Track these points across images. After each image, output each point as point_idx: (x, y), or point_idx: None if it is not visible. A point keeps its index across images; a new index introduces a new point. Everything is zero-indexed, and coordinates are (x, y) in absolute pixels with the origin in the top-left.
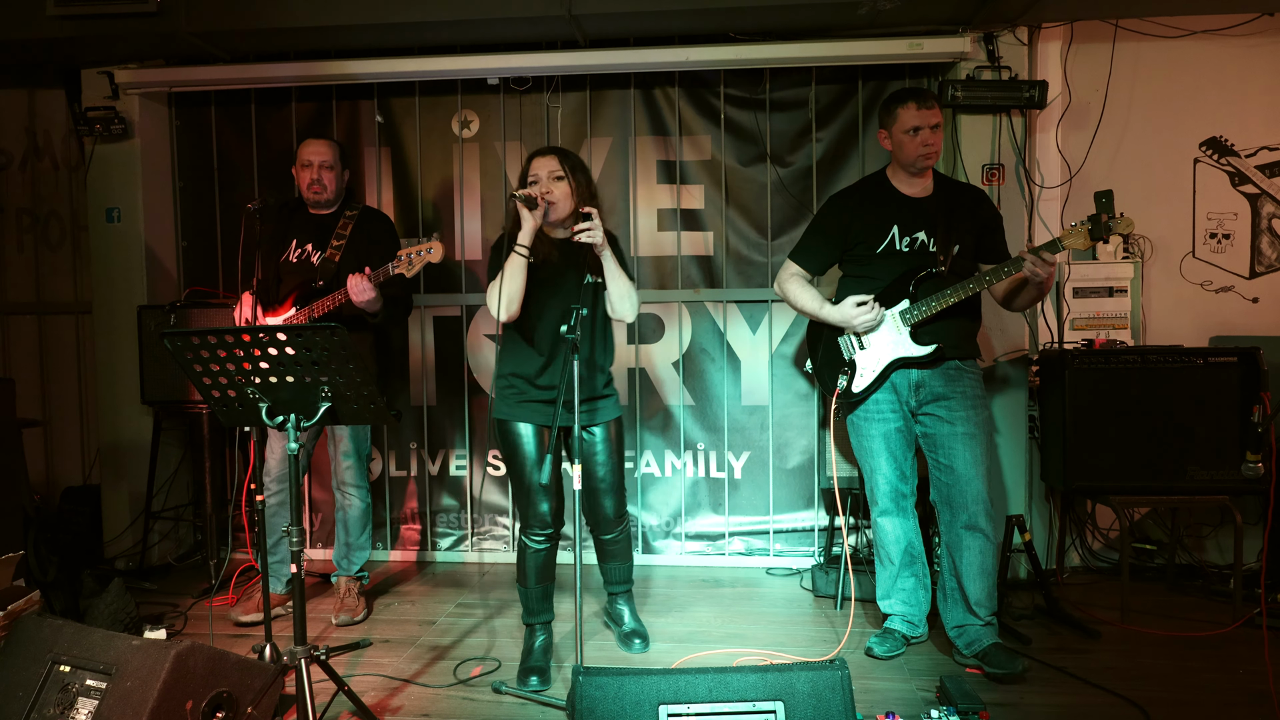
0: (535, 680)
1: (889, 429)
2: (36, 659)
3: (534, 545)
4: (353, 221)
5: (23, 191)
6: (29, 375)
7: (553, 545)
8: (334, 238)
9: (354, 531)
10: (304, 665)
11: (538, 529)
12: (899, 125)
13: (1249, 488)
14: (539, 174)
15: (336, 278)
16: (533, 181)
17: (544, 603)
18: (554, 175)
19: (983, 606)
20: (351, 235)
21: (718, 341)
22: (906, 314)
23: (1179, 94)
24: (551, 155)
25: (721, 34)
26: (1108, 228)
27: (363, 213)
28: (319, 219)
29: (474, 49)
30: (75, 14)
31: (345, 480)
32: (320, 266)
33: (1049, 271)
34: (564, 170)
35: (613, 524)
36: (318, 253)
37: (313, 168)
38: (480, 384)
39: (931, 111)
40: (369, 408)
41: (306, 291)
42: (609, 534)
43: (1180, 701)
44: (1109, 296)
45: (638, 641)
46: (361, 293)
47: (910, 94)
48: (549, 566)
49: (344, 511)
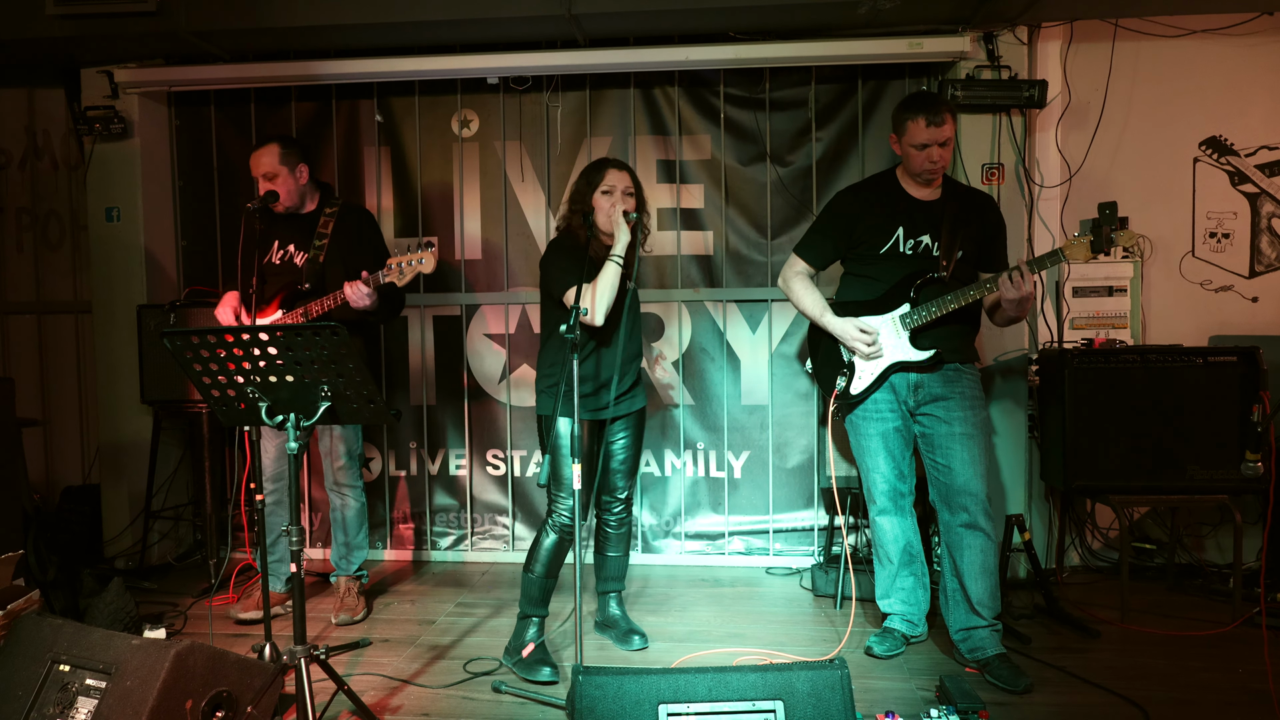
0: (548, 671)
1: (887, 428)
2: (36, 658)
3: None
4: (333, 219)
5: (22, 191)
6: (29, 375)
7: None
8: (316, 238)
9: (351, 531)
10: (304, 665)
11: (568, 518)
12: (908, 138)
13: (1248, 487)
14: (615, 186)
15: (321, 278)
16: (607, 191)
17: (549, 595)
18: (628, 190)
19: (985, 607)
20: (333, 234)
21: (717, 341)
22: (907, 318)
23: (1179, 93)
24: (626, 171)
25: (721, 33)
26: (1110, 240)
27: (343, 208)
28: (299, 220)
29: (474, 48)
30: (75, 13)
31: (340, 481)
32: (305, 268)
33: (1022, 293)
34: (634, 188)
35: (622, 505)
36: (300, 253)
37: (259, 183)
38: (480, 384)
39: (941, 128)
40: (369, 407)
41: (292, 293)
42: (615, 510)
43: (1180, 701)
44: (1109, 296)
45: (637, 638)
46: (360, 299)
47: (922, 107)
48: (561, 559)
49: (340, 512)
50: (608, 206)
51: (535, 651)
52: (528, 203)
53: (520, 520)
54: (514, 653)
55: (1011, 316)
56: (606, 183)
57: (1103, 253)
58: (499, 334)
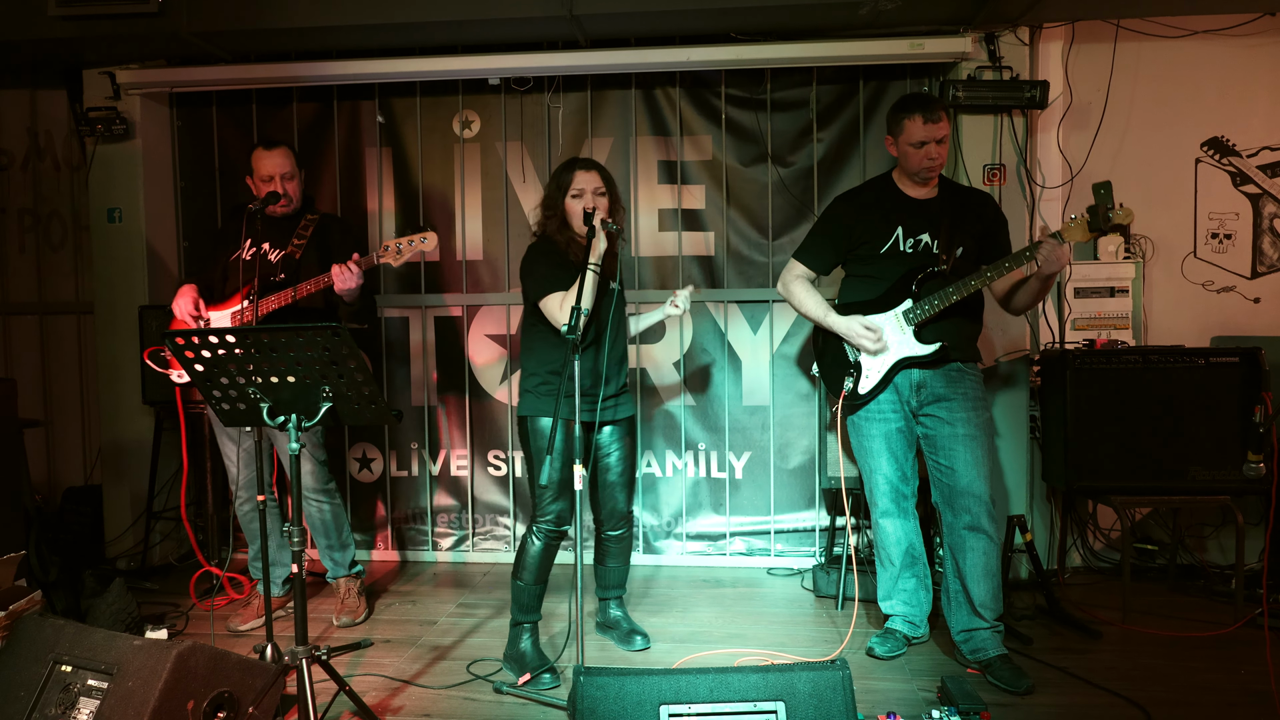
0: (549, 678)
1: (890, 429)
2: (38, 659)
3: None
4: (313, 225)
5: (24, 191)
6: (31, 375)
7: (559, 542)
8: (295, 237)
9: (332, 534)
10: (305, 665)
11: (553, 523)
12: (905, 137)
13: (1250, 488)
14: (584, 187)
15: (296, 273)
16: (576, 194)
17: (540, 600)
18: (598, 191)
19: (988, 608)
20: (313, 235)
21: (719, 341)
22: (910, 313)
23: (1180, 94)
24: (595, 171)
25: (722, 34)
26: (1107, 218)
27: (323, 218)
28: (276, 220)
29: (475, 49)
30: (77, 14)
31: (307, 486)
32: (281, 261)
33: (1063, 259)
34: (605, 187)
35: (623, 521)
36: (276, 250)
37: (275, 181)
38: (481, 384)
39: (938, 125)
40: (370, 408)
41: (265, 285)
42: (617, 530)
43: (1181, 702)
44: (1110, 296)
45: (639, 638)
46: (346, 279)
47: (917, 105)
48: (550, 564)
49: (317, 519)
50: (579, 211)
51: (531, 660)
52: (529, 203)
53: (521, 521)
54: (512, 660)
55: (1036, 294)
56: (576, 185)
57: (1101, 231)
58: (500, 334)
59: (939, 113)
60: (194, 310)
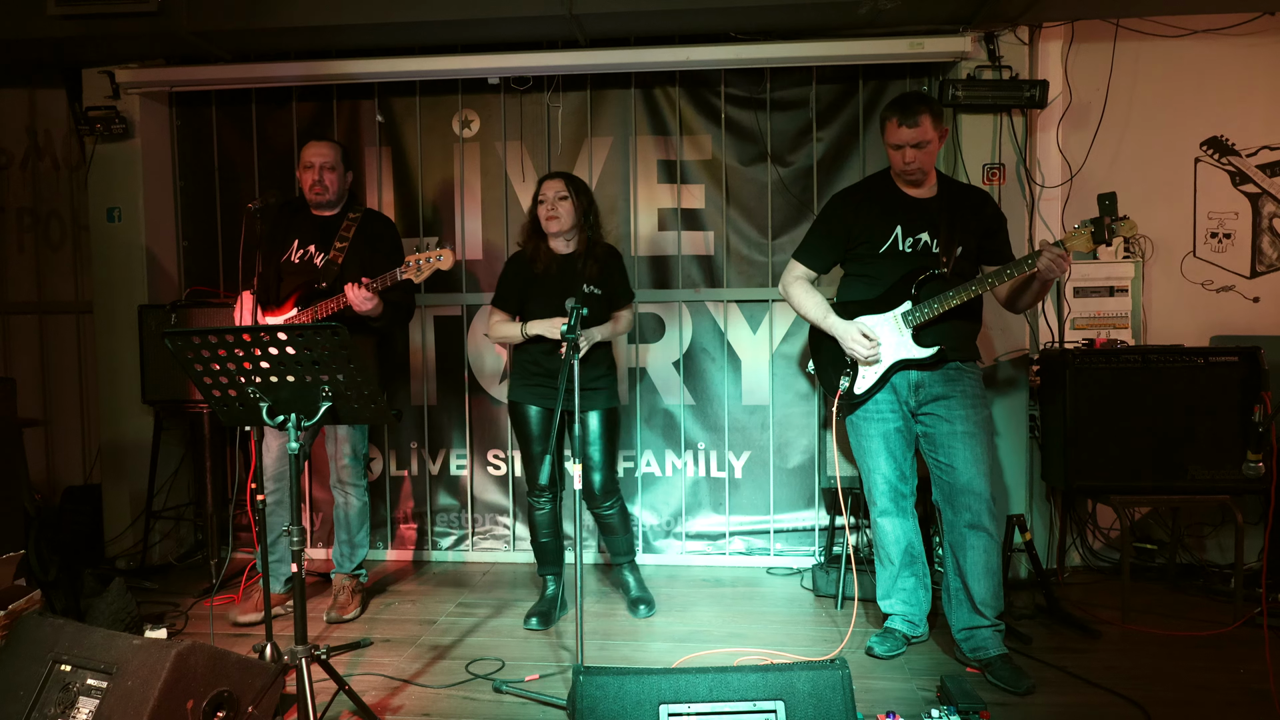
0: (535, 621)
1: (888, 429)
2: (37, 658)
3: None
4: (356, 224)
5: (24, 191)
6: (30, 375)
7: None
8: (337, 239)
9: (354, 529)
10: (305, 664)
11: (538, 492)
12: (886, 137)
13: (1250, 487)
14: (547, 195)
15: (340, 280)
16: (541, 201)
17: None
18: (560, 195)
19: (988, 606)
20: (354, 238)
21: (718, 341)
22: (909, 315)
23: (1180, 93)
24: (559, 179)
25: (722, 33)
26: (1111, 230)
27: (366, 215)
28: (321, 220)
29: (474, 48)
30: (76, 13)
31: (344, 479)
32: (324, 269)
33: (1064, 268)
34: (568, 191)
35: (600, 499)
36: (320, 254)
37: (314, 169)
38: (480, 383)
39: (915, 130)
40: (369, 407)
41: (309, 293)
42: (598, 508)
43: (1181, 701)
44: (1110, 296)
45: (643, 607)
46: (362, 303)
47: (896, 108)
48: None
49: (343, 510)
50: (544, 217)
51: (535, 606)
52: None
53: (521, 520)
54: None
55: (1038, 295)
56: (540, 194)
57: (1103, 243)
58: None
59: (917, 117)
60: (252, 321)
